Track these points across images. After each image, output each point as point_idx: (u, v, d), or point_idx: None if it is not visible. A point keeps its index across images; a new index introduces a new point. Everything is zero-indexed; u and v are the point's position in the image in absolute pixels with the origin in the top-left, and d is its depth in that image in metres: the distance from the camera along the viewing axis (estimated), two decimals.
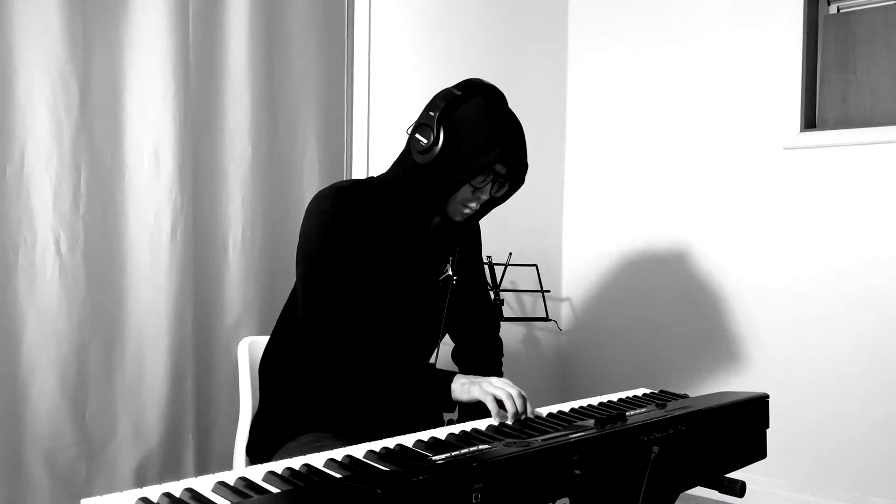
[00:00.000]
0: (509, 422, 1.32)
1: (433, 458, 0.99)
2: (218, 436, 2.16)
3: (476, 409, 1.42)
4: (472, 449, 1.04)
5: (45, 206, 1.81)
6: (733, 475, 1.33)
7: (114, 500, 0.87)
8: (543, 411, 1.41)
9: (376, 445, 1.16)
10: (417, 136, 1.47)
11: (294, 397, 1.55)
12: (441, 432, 1.25)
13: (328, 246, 1.47)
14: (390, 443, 1.17)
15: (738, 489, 1.30)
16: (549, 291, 2.90)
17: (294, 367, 1.57)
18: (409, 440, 1.20)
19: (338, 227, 1.47)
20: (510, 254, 2.79)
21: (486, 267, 2.50)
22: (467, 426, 1.30)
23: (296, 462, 1.06)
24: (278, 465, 1.04)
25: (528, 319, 2.92)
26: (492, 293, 2.63)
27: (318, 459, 1.08)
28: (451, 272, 1.64)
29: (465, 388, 1.39)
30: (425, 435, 1.23)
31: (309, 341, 1.49)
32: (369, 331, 1.48)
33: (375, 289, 1.51)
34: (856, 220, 2.66)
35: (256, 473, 1.01)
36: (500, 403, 1.34)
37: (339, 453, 1.11)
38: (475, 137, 1.43)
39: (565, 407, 1.45)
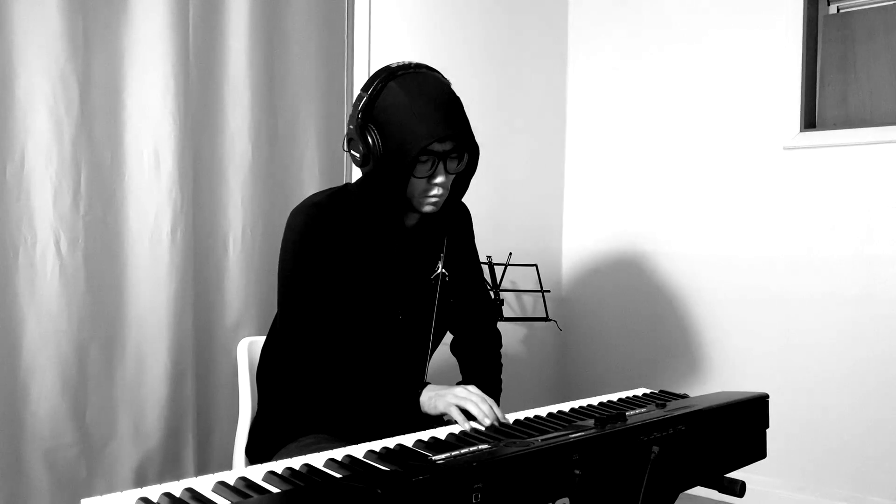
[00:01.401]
0: (486, 423, 1.30)
1: (433, 458, 0.99)
2: (218, 436, 2.16)
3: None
4: (472, 449, 1.04)
5: (45, 206, 1.81)
6: (733, 475, 1.33)
7: (114, 500, 0.87)
8: (543, 411, 1.41)
9: (376, 445, 1.16)
10: (352, 151, 1.46)
11: (292, 400, 1.55)
12: (441, 432, 1.25)
13: (299, 265, 1.46)
14: (390, 443, 1.17)
15: (738, 489, 1.30)
16: (549, 291, 2.90)
17: (290, 371, 1.56)
18: (409, 440, 1.20)
19: (308, 245, 1.46)
20: (510, 254, 2.79)
21: (485, 267, 2.50)
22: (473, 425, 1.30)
23: (296, 462, 1.06)
24: (278, 465, 1.04)
25: (528, 319, 2.92)
26: (492, 293, 2.63)
27: (318, 459, 1.08)
28: (442, 269, 1.62)
29: (431, 401, 1.38)
30: (425, 435, 1.23)
31: (286, 357, 1.51)
32: (345, 345, 1.47)
33: (353, 302, 1.49)
34: (856, 220, 2.66)
35: (256, 473, 1.01)
36: (467, 413, 1.32)
37: (339, 453, 1.11)
38: (397, 130, 1.39)
39: (565, 407, 1.45)
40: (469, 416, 1.32)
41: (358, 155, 1.45)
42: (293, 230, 1.49)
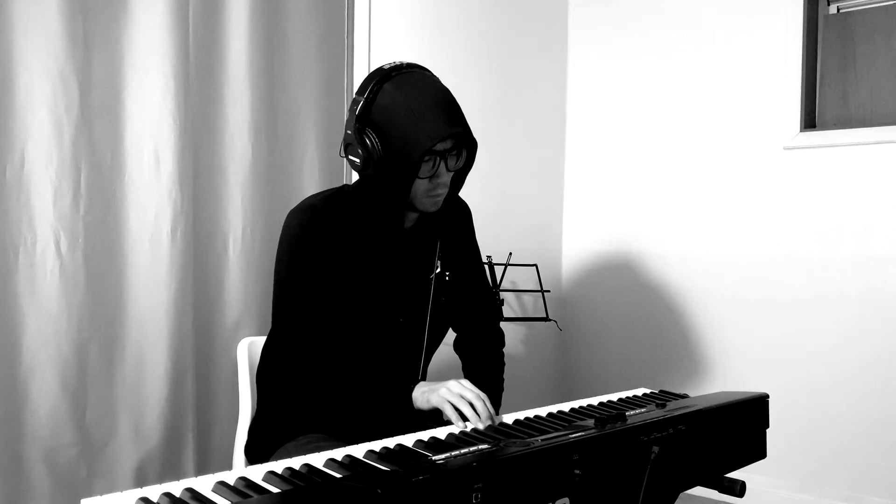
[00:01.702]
0: (480, 427, 1.28)
1: (433, 458, 0.99)
2: (218, 436, 2.16)
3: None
4: (472, 449, 1.04)
5: (45, 206, 1.81)
6: (733, 475, 1.33)
7: (114, 500, 0.87)
8: (543, 411, 1.40)
9: (376, 445, 1.16)
10: (350, 157, 1.45)
11: (291, 400, 1.55)
12: (441, 432, 1.25)
13: (295, 268, 1.46)
14: (390, 443, 1.17)
15: (738, 489, 1.30)
16: (549, 291, 2.90)
17: (284, 372, 1.56)
18: (409, 440, 1.20)
19: (304, 248, 1.45)
20: (510, 254, 2.79)
21: (486, 267, 2.50)
22: (467, 426, 1.30)
23: (296, 462, 1.06)
24: (278, 465, 1.04)
25: (528, 319, 2.92)
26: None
27: (318, 459, 1.08)
28: (439, 269, 1.61)
29: (424, 396, 1.36)
30: (425, 435, 1.23)
31: (280, 359, 1.51)
32: (340, 347, 1.47)
33: (351, 305, 1.49)
34: (856, 220, 2.66)
35: (256, 473, 1.01)
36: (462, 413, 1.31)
37: (339, 453, 1.11)
38: (399, 132, 1.38)
39: (565, 407, 1.45)
40: (464, 417, 1.31)
41: (357, 160, 1.43)
42: (289, 232, 1.49)
